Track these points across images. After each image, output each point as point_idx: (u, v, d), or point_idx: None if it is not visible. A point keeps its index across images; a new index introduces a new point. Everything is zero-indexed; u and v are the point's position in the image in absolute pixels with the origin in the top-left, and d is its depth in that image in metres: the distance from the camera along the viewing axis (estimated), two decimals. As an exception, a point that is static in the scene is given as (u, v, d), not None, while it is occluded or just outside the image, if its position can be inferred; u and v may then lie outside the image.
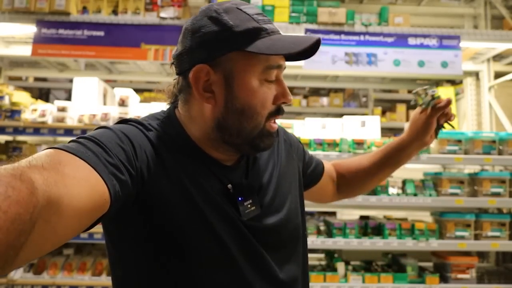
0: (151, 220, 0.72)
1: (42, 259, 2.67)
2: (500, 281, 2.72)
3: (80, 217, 0.56)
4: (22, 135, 2.84)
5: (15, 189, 0.43)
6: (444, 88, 3.72)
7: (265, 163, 0.91)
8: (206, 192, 0.76)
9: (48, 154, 0.58)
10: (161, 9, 3.16)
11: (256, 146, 0.81)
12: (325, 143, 2.60)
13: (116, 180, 0.63)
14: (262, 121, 0.79)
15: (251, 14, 0.77)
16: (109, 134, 0.70)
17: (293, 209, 0.90)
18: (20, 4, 3.05)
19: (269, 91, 0.79)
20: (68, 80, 5.74)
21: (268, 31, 0.77)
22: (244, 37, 0.75)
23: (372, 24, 3.14)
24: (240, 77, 0.76)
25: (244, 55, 0.75)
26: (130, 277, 0.78)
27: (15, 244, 0.42)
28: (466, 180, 2.62)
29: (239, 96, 0.77)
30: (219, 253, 0.75)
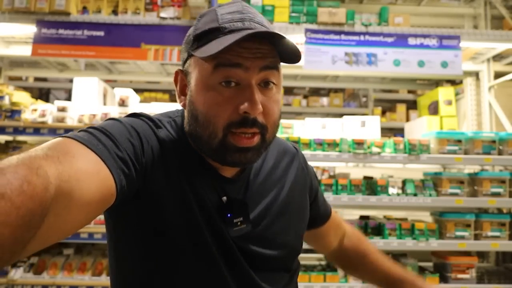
0: (145, 215, 0.73)
1: (42, 259, 2.67)
2: (500, 281, 2.72)
3: (88, 211, 0.57)
4: (22, 135, 2.84)
5: (31, 184, 0.43)
6: (444, 88, 3.72)
7: (272, 184, 0.87)
8: (202, 200, 0.76)
9: (63, 144, 0.58)
10: (161, 9, 3.16)
11: (223, 158, 0.73)
12: (325, 143, 2.60)
13: (123, 175, 0.64)
14: (218, 131, 0.71)
15: (220, 14, 0.72)
16: (119, 127, 0.70)
17: (291, 241, 0.87)
18: (20, 4, 3.05)
19: (222, 97, 0.70)
20: (68, 80, 5.74)
21: (226, 30, 0.70)
22: (197, 41, 0.73)
23: (372, 24, 3.14)
24: (194, 82, 0.74)
25: (197, 59, 0.73)
26: (123, 268, 0.80)
27: (23, 239, 0.42)
28: (466, 180, 2.62)
29: (193, 101, 0.73)
30: (205, 258, 0.75)
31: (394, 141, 2.62)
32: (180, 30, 3.13)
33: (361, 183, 2.59)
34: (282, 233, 0.86)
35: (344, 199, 2.52)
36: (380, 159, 2.57)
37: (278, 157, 0.92)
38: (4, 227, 0.39)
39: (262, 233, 0.82)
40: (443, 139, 2.64)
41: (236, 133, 0.71)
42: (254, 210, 0.82)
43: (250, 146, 0.72)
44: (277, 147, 0.93)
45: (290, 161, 0.94)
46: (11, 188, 0.41)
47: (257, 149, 0.73)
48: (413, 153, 2.57)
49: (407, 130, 3.76)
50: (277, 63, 0.74)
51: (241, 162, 0.74)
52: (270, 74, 0.72)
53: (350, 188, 2.56)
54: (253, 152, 0.73)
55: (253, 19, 0.72)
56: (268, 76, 0.72)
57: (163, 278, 0.75)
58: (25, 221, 0.42)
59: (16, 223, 0.41)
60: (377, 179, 2.65)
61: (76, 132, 0.65)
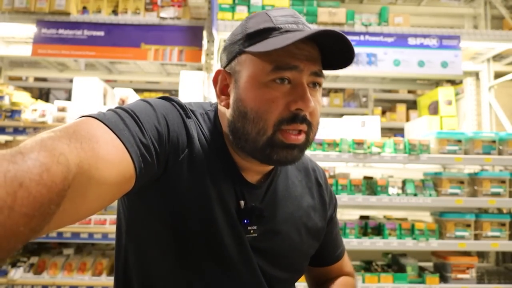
0: (163, 203, 0.73)
1: (42, 259, 2.67)
2: (500, 281, 2.72)
3: (103, 199, 0.56)
4: (22, 135, 2.84)
5: (50, 173, 0.43)
6: (444, 88, 3.72)
7: (290, 199, 0.85)
8: (223, 199, 0.76)
9: (89, 127, 0.57)
10: (161, 9, 3.16)
11: (267, 157, 0.73)
12: (325, 143, 2.59)
13: (144, 162, 0.63)
14: (268, 128, 0.71)
15: (273, 16, 0.74)
16: (148, 112, 0.69)
17: (296, 265, 0.87)
18: (20, 4, 3.05)
19: (275, 93, 0.71)
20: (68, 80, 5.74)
21: (282, 30, 0.71)
22: (251, 39, 0.73)
23: (372, 24, 3.14)
24: (245, 79, 0.73)
25: (251, 57, 0.73)
26: (131, 249, 0.79)
27: (38, 229, 0.42)
28: (466, 180, 2.62)
29: (243, 98, 0.73)
30: (219, 256, 0.75)
31: (394, 141, 2.62)
32: (180, 30, 3.13)
33: (361, 183, 2.59)
34: (289, 255, 0.84)
35: (344, 199, 2.52)
36: (380, 159, 2.57)
37: (299, 175, 0.91)
38: (20, 217, 0.39)
39: (269, 248, 0.81)
40: (443, 139, 2.64)
41: (285, 130, 0.71)
42: (268, 222, 0.81)
43: (296, 143, 0.72)
44: (299, 164, 0.93)
45: (312, 182, 0.93)
46: (30, 177, 0.41)
47: (301, 148, 0.75)
48: (413, 153, 2.57)
49: (407, 130, 3.77)
50: (322, 71, 0.76)
51: (286, 160, 0.74)
52: (318, 79, 0.74)
53: (350, 188, 2.56)
54: (298, 150, 0.74)
55: (305, 23, 0.75)
56: (316, 79, 0.74)
57: (181, 272, 0.75)
58: (41, 212, 0.41)
59: (32, 213, 0.40)
60: (377, 179, 2.65)
61: (105, 111, 0.64)
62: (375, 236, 2.57)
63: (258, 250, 0.80)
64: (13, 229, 0.38)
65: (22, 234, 0.40)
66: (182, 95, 2.92)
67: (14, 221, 0.38)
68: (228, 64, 0.77)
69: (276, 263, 0.83)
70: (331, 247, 0.99)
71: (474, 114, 3.64)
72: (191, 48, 3.10)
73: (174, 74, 4.16)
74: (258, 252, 0.80)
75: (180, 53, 3.10)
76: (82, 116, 0.61)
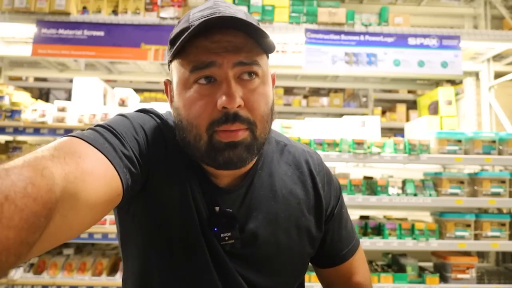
0: (146, 210, 0.73)
1: (42, 259, 2.67)
2: (500, 281, 2.72)
3: (95, 212, 0.57)
4: (22, 135, 2.84)
5: (35, 185, 0.43)
6: (444, 88, 3.72)
7: (274, 199, 0.79)
8: (198, 208, 0.74)
9: (69, 144, 0.57)
10: (161, 9, 3.16)
11: (214, 160, 0.69)
12: (325, 143, 2.59)
13: (129, 174, 0.64)
14: (202, 133, 0.67)
15: (192, 14, 0.70)
16: (126, 124, 0.70)
17: (287, 271, 0.81)
18: (20, 4, 3.04)
19: (200, 96, 0.67)
20: (68, 80, 5.74)
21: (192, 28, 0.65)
22: (172, 44, 0.71)
23: (372, 24, 3.14)
24: (175, 87, 0.71)
25: (175, 63, 0.71)
26: (126, 263, 0.81)
27: (28, 241, 0.42)
28: (466, 180, 2.62)
29: (176, 106, 0.71)
30: (198, 264, 0.75)
31: (394, 141, 2.62)
32: (180, 30, 3.12)
33: (361, 183, 2.59)
34: (277, 259, 0.78)
35: (344, 199, 2.51)
36: (380, 159, 2.57)
37: (288, 170, 0.84)
38: (8, 230, 0.39)
39: (252, 254, 0.77)
40: (443, 139, 2.63)
41: (219, 131, 0.67)
42: (246, 227, 0.76)
43: (236, 140, 0.67)
44: (289, 157, 0.85)
45: (304, 176, 0.84)
46: (15, 190, 0.41)
47: (246, 146, 0.68)
48: (413, 153, 2.57)
49: (407, 130, 3.76)
50: (255, 57, 0.68)
51: (232, 161, 0.68)
52: (247, 68, 0.67)
53: (350, 188, 2.56)
54: (243, 149, 0.68)
55: (223, 12, 0.67)
56: (245, 69, 0.67)
57: (158, 276, 0.75)
58: (29, 224, 0.41)
59: (20, 225, 0.40)
60: (377, 179, 2.65)
61: (83, 131, 0.65)
62: (375, 236, 2.57)
63: (238, 257, 0.76)
64: (2, 242, 0.38)
65: (13, 248, 0.39)
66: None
67: (3, 234, 0.38)
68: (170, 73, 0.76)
69: (262, 269, 0.78)
70: (337, 244, 0.89)
71: (474, 114, 3.64)
72: (191, 48, 3.10)
73: (174, 74, 4.16)
74: (238, 260, 0.76)
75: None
76: (62, 136, 0.62)
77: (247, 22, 0.64)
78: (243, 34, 0.67)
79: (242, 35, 0.67)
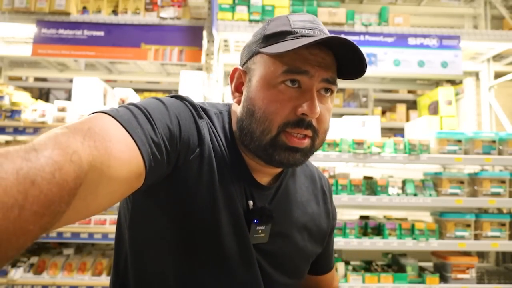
0: (172, 202, 0.73)
1: (42, 259, 2.67)
2: (500, 281, 2.72)
3: (113, 196, 0.57)
4: (22, 135, 2.84)
5: (63, 171, 0.43)
6: (444, 88, 3.72)
7: (296, 204, 0.86)
8: (231, 199, 0.76)
9: (102, 125, 0.57)
10: (161, 9, 3.16)
11: (270, 156, 0.74)
12: (325, 143, 2.59)
13: (154, 161, 0.63)
14: (273, 128, 0.72)
15: (292, 20, 0.75)
16: (161, 110, 0.69)
17: (299, 270, 0.88)
18: (20, 4, 3.05)
19: (284, 96, 0.72)
20: (68, 80, 5.75)
21: (298, 34, 0.72)
22: (267, 40, 0.75)
23: (372, 24, 3.15)
24: (257, 78, 0.75)
25: (265, 57, 0.75)
26: (139, 259, 0.79)
27: (47, 227, 0.42)
28: (466, 180, 2.62)
29: (252, 96, 0.75)
30: (220, 255, 0.75)
31: (394, 141, 2.62)
32: (180, 30, 3.13)
33: (361, 183, 2.59)
34: (293, 259, 0.85)
35: (344, 199, 2.52)
36: (380, 159, 2.57)
37: (307, 181, 0.92)
38: (30, 215, 0.39)
39: (275, 250, 0.82)
40: (443, 139, 2.64)
41: (290, 132, 0.72)
42: (276, 225, 0.81)
43: (300, 147, 0.73)
44: (307, 171, 0.94)
45: (318, 190, 0.94)
46: (42, 175, 0.41)
47: (305, 152, 0.74)
48: (413, 153, 2.57)
49: (407, 130, 3.77)
50: (336, 78, 0.75)
51: (288, 162, 0.74)
52: (329, 86, 0.74)
53: (350, 188, 2.56)
54: (301, 154, 0.74)
55: (323, 30, 0.75)
56: (327, 86, 0.74)
57: (178, 271, 0.75)
58: (51, 210, 0.41)
59: (42, 212, 0.40)
60: (377, 179, 2.65)
61: (118, 108, 0.64)
62: (375, 236, 2.57)
63: (265, 252, 0.80)
64: (23, 227, 0.38)
65: (32, 232, 0.40)
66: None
67: (24, 219, 0.38)
68: (246, 63, 0.79)
69: (281, 267, 0.83)
70: (328, 256, 1.01)
71: (474, 114, 3.64)
72: (191, 48, 3.11)
73: (174, 74, 4.17)
74: (264, 255, 0.80)
75: (180, 53, 3.10)
76: (95, 112, 0.61)
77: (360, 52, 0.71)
78: (333, 55, 0.74)
79: (332, 56, 0.74)
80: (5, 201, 0.37)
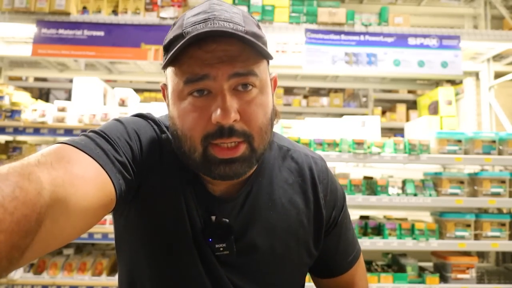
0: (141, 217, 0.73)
1: (42, 259, 2.67)
2: (500, 281, 2.72)
3: (87, 217, 0.56)
4: (22, 135, 2.84)
5: (23, 189, 0.43)
6: (444, 88, 3.72)
7: (273, 209, 0.76)
8: (192, 217, 0.72)
9: (57, 150, 0.57)
10: (161, 9, 3.16)
11: (209, 173, 0.67)
12: (325, 143, 2.59)
13: (123, 178, 0.63)
14: (196, 144, 0.65)
15: (186, 18, 0.66)
16: (119, 129, 0.69)
17: (283, 284, 0.79)
18: (20, 4, 3.04)
19: (195, 108, 0.64)
20: (68, 80, 5.74)
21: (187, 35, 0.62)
22: (166, 51, 0.68)
23: (372, 24, 3.14)
24: (169, 95, 0.69)
25: (169, 71, 0.68)
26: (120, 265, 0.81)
27: (20, 245, 0.42)
28: (466, 180, 2.62)
29: (171, 115, 0.69)
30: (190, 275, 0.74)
31: (394, 141, 2.62)
32: (180, 30, 3.12)
33: (361, 183, 2.59)
34: (273, 270, 0.77)
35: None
36: (380, 159, 2.57)
37: (290, 177, 0.81)
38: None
39: (248, 264, 0.75)
40: (443, 139, 2.63)
41: (217, 144, 0.65)
42: (243, 237, 0.74)
43: (234, 157, 0.65)
44: (292, 163, 0.82)
45: (306, 183, 0.81)
46: (3, 194, 0.41)
47: (244, 159, 0.66)
48: (413, 153, 2.57)
49: (407, 130, 3.76)
50: (251, 66, 0.64)
51: (228, 175, 0.66)
52: (243, 80, 0.64)
53: (350, 188, 2.56)
54: (241, 164, 0.66)
55: (218, 17, 0.63)
56: (241, 80, 0.64)
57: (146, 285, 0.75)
58: (20, 227, 0.41)
59: (11, 229, 0.40)
60: (377, 179, 2.65)
61: (75, 138, 0.64)
62: (375, 236, 2.57)
63: (233, 267, 0.74)
64: None
65: (4, 251, 0.39)
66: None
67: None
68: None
69: (257, 280, 0.76)
70: (338, 255, 0.87)
71: (474, 114, 3.64)
72: (191, 48, 3.10)
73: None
74: (233, 270, 0.74)
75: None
76: (56, 144, 0.61)
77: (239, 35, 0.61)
78: (238, 41, 0.63)
79: (238, 43, 0.63)
80: None
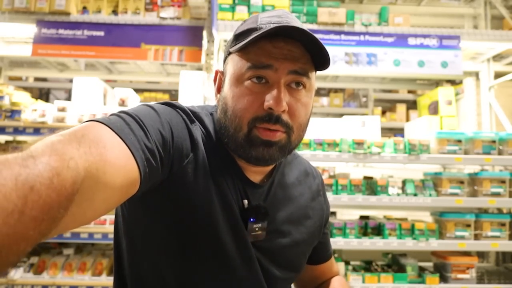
0: (169, 207, 0.73)
1: (42, 259, 2.67)
2: (500, 281, 2.72)
3: (109, 202, 0.57)
4: (22, 135, 2.84)
5: (61, 177, 0.43)
6: (444, 88, 3.72)
7: (291, 199, 0.88)
8: (226, 200, 0.77)
9: (95, 132, 0.57)
10: (161, 9, 3.16)
11: (247, 154, 0.74)
12: (325, 143, 2.60)
13: (149, 167, 0.64)
14: (243, 124, 0.73)
15: (261, 18, 0.75)
16: (152, 117, 0.70)
17: (296, 264, 0.89)
18: (20, 4, 3.05)
19: (251, 92, 0.72)
20: (68, 80, 5.75)
21: (262, 29, 0.71)
22: (236, 39, 0.76)
23: (372, 24, 3.14)
24: (228, 78, 0.76)
25: (234, 56, 0.76)
26: (137, 261, 0.80)
27: (45, 232, 0.42)
28: (466, 180, 2.62)
29: (225, 96, 0.76)
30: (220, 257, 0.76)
31: (394, 141, 2.62)
32: (180, 30, 3.13)
33: (361, 183, 2.59)
34: (290, 254, 0.86)
35: (344, 199, 2.52)
36: (380, 159, 2.57)
37: (300, 175, 0.93)
38: (30, 222, 0.39)
39: (272, 246, 0.83)
40: (443, 139, 2.63)
41: (260, 127, 0.72)
42: (271, 222, 0.83)
43: (273, 140, 0.72)
44: (299, 165, 0.95)
45: (311, 183, 0.95)
46: (41, 181, 0.41)
47: (280, 147, 0.74)
48: (413, 153, 2.57)
49: (407, 130, 3.77)
50: (308, 70, 0.74)
51: (264, 158, 0.74)
52: (299, 78, 0.73)
53: (350, 188, 2.56)
54: (277, 148, 0.74)
55: (290, 22, 0.73)
56: (296, 78, 0.73)
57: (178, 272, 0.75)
58: (49, 216, 0.42)
59: (41, 217, 0.40)
60: (377, 179, 2.65)
61: (110, 116, 0.65)
62: (375, 236, 2.57)
63: (263, 249, 0.81)
64: (22, 232, 0.39)
65: (31, 238, 0.40)
66: (182, 95, 2.93)
67: (24, 225, 0.39)
68: (224, 64, 0.81)
69: (280, 262, 0.84)
70: (326, 246, 1.03)
71: (474, 114, 3.64)
72: (191, 48, 3.11)
73: (174, 74, 4.16)
74: (263, 252, 0.81)
75: (180, 53, 3.10)
76: (88, 120, 0.62)
77: (313, 37, 0.70)
78: (303, 46, 0.72)
79: (301, 47, 0.72)
80: (5, 207, 0.37)
